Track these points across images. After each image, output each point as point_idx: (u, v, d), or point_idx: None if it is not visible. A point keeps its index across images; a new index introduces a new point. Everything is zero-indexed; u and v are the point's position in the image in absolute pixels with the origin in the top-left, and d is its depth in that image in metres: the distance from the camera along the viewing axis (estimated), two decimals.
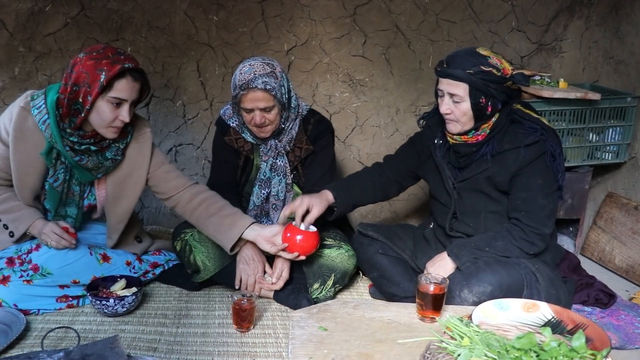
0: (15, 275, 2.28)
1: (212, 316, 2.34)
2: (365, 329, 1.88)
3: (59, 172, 2.33)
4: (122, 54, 2.20)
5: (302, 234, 2.28)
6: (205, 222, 2.40)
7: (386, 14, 3.24)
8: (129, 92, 2.18)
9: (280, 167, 2.56)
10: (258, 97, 2.34)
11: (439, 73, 2.19)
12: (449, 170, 2.35)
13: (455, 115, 2.17)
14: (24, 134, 2.25)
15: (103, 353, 1.53)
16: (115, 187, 2.44)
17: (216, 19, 3.21)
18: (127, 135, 2.36)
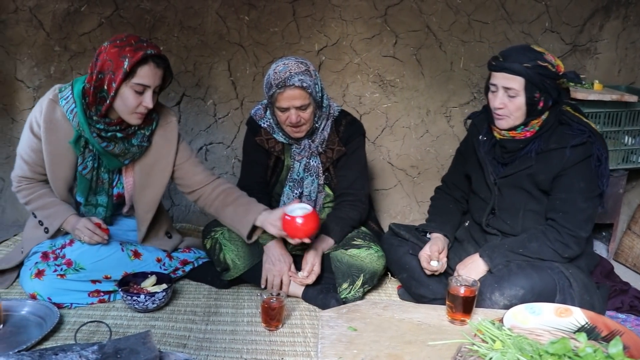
0: (50, 269, 2.33)
1: (241, 314, 2.34)
2: (394, 330, 1.87)
3: (87, 160, 2.37)
4: (145, 41, 2.23)
5: (302, 217, 2.23)
6: (223, 212, 2.45)
7: (417, 14, 3.22)
8: (152, 79, 2.21)
9: (313, 167, 2.56)
10: (295, 95, 2.35)
11: (494, 67, 2.17)
12: (492, 165, 2.34)
13: (509, 109, 2.15)
14: (54, 125, 2.31)
15: (135, 348, 1.55)
16: (143, 174, 2.47)
17: (247, 19, 3.23)
18: (152, 122, 2.39)
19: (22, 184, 2.46)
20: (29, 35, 3.25)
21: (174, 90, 3.33)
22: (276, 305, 2.18)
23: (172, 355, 1.67)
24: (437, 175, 3.37)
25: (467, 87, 3.30)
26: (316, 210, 2.32)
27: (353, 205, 2.58)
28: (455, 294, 1.93)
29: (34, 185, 2.46)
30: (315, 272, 2.40)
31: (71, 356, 1.52)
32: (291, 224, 2.21)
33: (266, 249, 2.45)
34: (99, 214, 2.51)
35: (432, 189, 2.99)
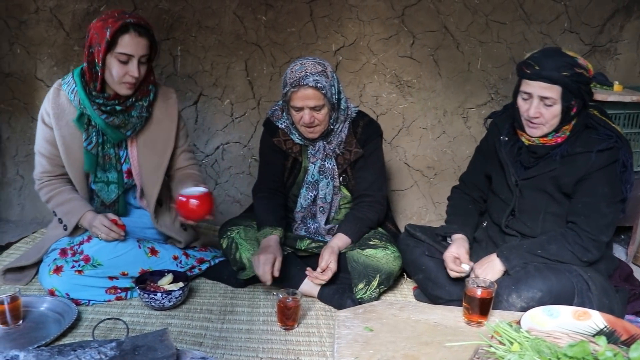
0: (68, 265, 2.36)
1: (257, 313, 2.35)
2: (411, 331, 1.87)
3: (92, 135, 2.42)
4: (128, 13, 2.29)
5: (196, 198, 2.23)
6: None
7: (435, 14, 3.21)
8: (134, 47, 2.25)
9: (328, 169, 2.55)
10: (308, 95, 2.34)
11: (530, 76, 2.09)
12: (514, 167, 2.31)
13: (545, 118, 2.11)
14: (61, 109, 2.42)
15: (153, 345, 1.56)
16: (146, 146, 2.52)
17: (265, 19, 3.24)
18: (149, 93, 2.44)
19: (43, 181, 2.51)
20: (49, 35, 3.29)
21: (191, 89, 3.35)
22: (292, 305, 2.18)
23: (189, 353, 1.68)
24: (453, 176, 3.36)
25: (484, 88, 3.28)
26: (211, 192, 2.31)
27: (371, 206, 2.57)
28: (472, 295, 1.92)
29: (54, 182, 2.50)
30: (332, 269, 2.38)
31: (90, 352, 1.53)
32: (185, 205, 2.23)
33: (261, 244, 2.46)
34: (111, 191, 2.54)
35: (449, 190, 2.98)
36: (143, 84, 2.40)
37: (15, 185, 3.60)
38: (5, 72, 3.45)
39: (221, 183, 3.47)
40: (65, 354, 1.64)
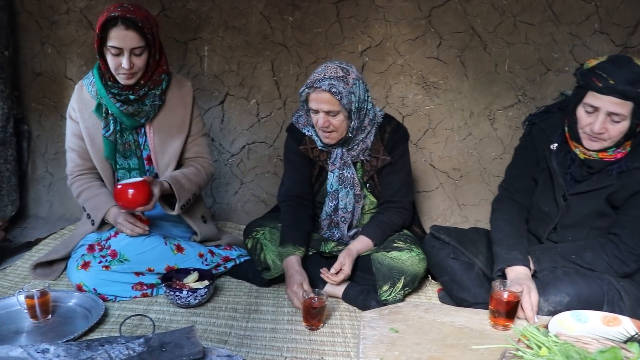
0: (95, 260, 2.40)
1: (281, 313, 2.36)
2: (436, 333, 1.85)
3: (110, 124, 2.50)
4: (122, 7, 2.31)
5: (133, 187, 2.28)
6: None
7: (462, 15, 3.19)
8: (122, 40, 2.30)
9: (347, 178, 2.51)
10: (322, 99, 2.30)
11: (602, 89, 1.93)
12: (564, 179, 2.20)
13: (610, 134, 1.98)
14: (84, 103, 2.53)
15: (180, 342, 1.57)
16: (161, 131, 2.57)
17: (291, 20, 3.25)
18: (162, 82, 2.50)
19: (74, 175, 2.58)
20: (79, 35, 3.34)
21: (217, 89, 3.37)
22: (317, 305, 2.18)
23: (215, 351, 1.69)
24: (479, 178, 3.34)
25: (511, 90, 3.25)
26: (149, 182, 2.34)
27: (397, 211, 2.55)
28: (498, 298, 1.90)
29: (84, 177, 2.57)
30: (344, 272, 2.36)
31: (118, 348, 1.55)
32: (122, 193, 2.29)
33: (284, 265, 2.45)
34: (133, 177, 2.57)
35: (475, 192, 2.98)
36: (155, 73, 2.46)
37: (45, 183, 3.66)
38: (36, 71, 3.52)
39: (246, 182, 3.49)
40: (94, 348, 1.66)
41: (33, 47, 3.50)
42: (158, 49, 2.44)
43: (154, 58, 2.43)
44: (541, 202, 2.30)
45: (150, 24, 2.36)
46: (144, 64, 2.38)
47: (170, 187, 2.45)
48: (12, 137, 3.38)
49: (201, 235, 2.68)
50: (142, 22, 2.30)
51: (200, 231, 2.68)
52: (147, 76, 2.44)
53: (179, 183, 2.48)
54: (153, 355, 1.52)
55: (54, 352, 1.62)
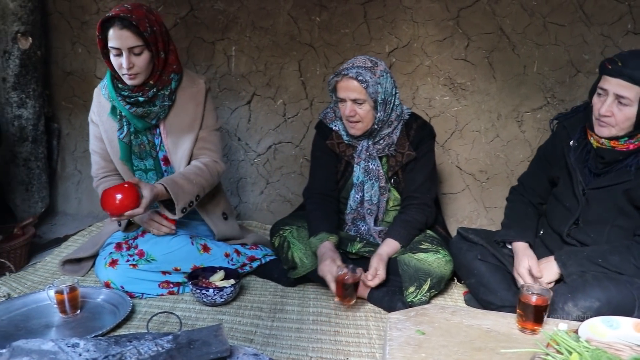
0: (123, 259, 2.43)
1: (307, 312, 2.36)
2: (463, 335, 1.84)
3: (124, 126, 2.51)
4: (121, 7, 2.31)
5: (121, 192, 2.19)
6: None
7: (490, 16, 3.16)
8: (118, 40, 2.30)
9: (372, 170, 2.53)
10: (349, 86, 2.35)
11: (610, 71, 2.02)
12: (582, 174, 2.22)
13: (616, 119, 2.03)
14: (101, 106, 2.55)
15: (208, 340, 1.58)
16: (174, 131, 2.55)
17: (319, 20, 3.25)
18: (170, 82, 2.48)
19: (99, 177, 2.61)
20: None
21: (244, 89, 3.39)
22: (351, 280, 2.20)
23: (241, 349, 1.69)
24: (506, 181, 3.30)
25: (540, 92, 3.21)
26: (136, 185, 2.24)
27: (419, 208, 2.55)
28: (526, 302, 1.88)
29: (109, 179, 2.59)
30: (380, 276, 2.36)
31: (147, 344, 1.57)
32: (108, 198, 2.19)
33: (317, 251, 2.45)
34: (150, 179, 2.61)
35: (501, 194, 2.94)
36: (163, 73, 2.44)
37: (73, 180, 3.71)
38: (66, 70, 3.58)
39: (272, 182, 3.50)
40: (122, 344, 1.67)
41: (64, 46, 3.56)
42: (164, 47, 2.40)
43: (158, 57, 2.40)
44: (562, 198, 2.32)
45: (151, 23, 2.32)
46: (145, 64, 2.35)
47: (166, 190, 2.35)
48: (42, 135, 3.44)
49: (218, 233, 2.68)
50: (138, 21, 2.28)
51: (218, 230, 2.68)
52: (156, 76, 2.42)
53: (177, 185, 2.37)
54: (181, 352, 1.53)
55: (83, 347, 1.64)
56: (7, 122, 3.27)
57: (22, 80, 3.25)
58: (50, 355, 1.58)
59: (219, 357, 1.56)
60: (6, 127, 3.27)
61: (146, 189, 2.27)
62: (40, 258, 2.90)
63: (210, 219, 2.67)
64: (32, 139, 3.35)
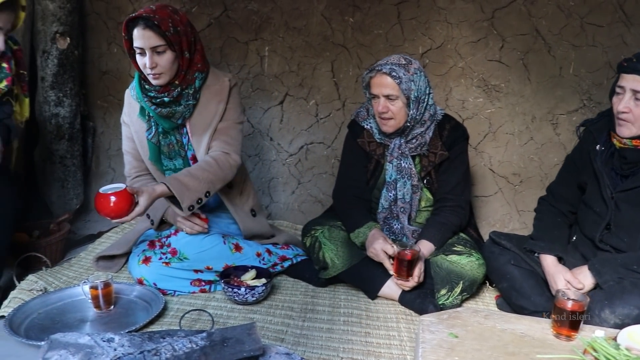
0: (156, 257, 2.45)
1: (338, 313, 2.36)
2: (496, 340, 1.82)
3: (152, 126, 2.53)
4: (145, 8, 2.34)
5: (115, 195, 2.11)
6: None
7: (526, 17, 3.12)
8: (141, 40, 2.31)
9: (405, 169, 2.53)
10: (382, 82, 2.37)
11: (626, 68, 2.04)
12: (609, 178, 2.20)
13: (634, 115, 2.04)
14: (131, 107, 2.59)
15: (241, 338, 1.59)
16: (196, 127, 2.54)
17: (352, 21, 3.25)
18: (194, 81, 2.48)
19: (132, 177, 2.65)
20: None
21: (277, 89, 3.40)
22: (409, 257, 2.23)
23: (274, 348, 1.70)
24: (540, 184, 3.25)
25: (576, 94, 3.16)
26: (128, 189, 2.15)
27: (453, 210, 2.53)
28: (562, 307, 1.85)
29: (141, 179, 2.63)
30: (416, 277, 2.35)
31: (182, 341, 1.58)
32: (103, 201, 2.11)
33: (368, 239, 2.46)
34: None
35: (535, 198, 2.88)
36: (188, 72, 2.44)
37: (107, 178, 3.77)
38: (102, 70, 3.63)
39: (304, 182, 3.51)
40: (155, 340, 1.69)
41: (100, 46, 3.62)
42: (188, 47, 2.41)
43: (182, 57, 2.40)
44: (591, 203, 2.28)
45: (174, 23, 2.33)
46: (168, 63, 2.36)
47: (169, 189, 2.30)
48: (78, 133, 3.50)
49: (245, 230, 2.67)
50: (161, 21, 2.29)
51: (245, 226, 2.68)
52: (181, 76, 2.43)
53: (181, 183, 2.31)
54: (215, 350, 1.54)
55: (118, 342, 1.66)
56: (45, 120, 3.33)
57: (60, 79, 3.31)
58: (86, 349, 1.61)
59: (251, 355, 1.57)
60: (44, 125, 3.33)
61: (144, 194, 2.21)
62: (75, 254, 2.95)
63: (237, 214, 2.68)
64: (68, 137, 3.41)
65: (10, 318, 2.10)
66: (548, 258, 2.28)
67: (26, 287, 2.40)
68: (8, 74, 2.20)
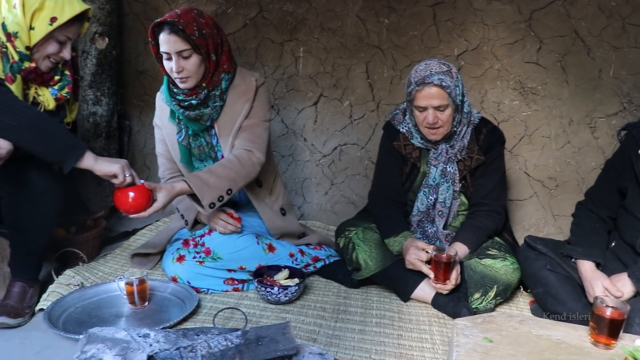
0: (190, 255, 2.48)
1: (370, 315, 2.35)
2: (532, 345, 1.79)
3: (182, 129, 2.56)
4: (171, 12, 2.36)
5: (134, 191, 2.13)
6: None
7: (565, 18, 3.07)
8: (166, 45, 2.33)
9: (450, 173, 2.50)
10: (433, 94, 2.32)
11: None
12: None
13: None
14: (162, 110, 2.63)
15: (276, 337, 1.59)
16: (223, 128, 2.56)
17: (387, 22, 3.24)
18: (221, 82, 2.48)
19: (165, 178, 2.70)
20: None
21: (311, 90, 3.41)
22: (446, 259, 2.23)
23: (307, 348, 1.70)
24: (576, 188, 3.20)
25: (616, 97, 3.09)
26: (146, 185, 2.17)
27: (489, 215, 2.50)
28: (600, 315, 1.81)
29: (175, 179, 2.63)
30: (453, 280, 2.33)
31: (217, 339, 1.59)
32: (121, 197, 2.14)
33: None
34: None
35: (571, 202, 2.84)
36: (215, 74, 2.45)
37: (142, 176, 3.80)
38: (139, 69, 3.69)
39: (337, 183, 3.50)
40: (190, 337, 1.70)
41: (137, 46, 3.67)
42: (215, 50, 2.41)
43: (209, 60, 2.41)
44: (632, 208, 2.23)
45: (199, 26, 2.34)
46: (194, 67, 2.37)
47: (189, 187, 2.32)
48: (115, 132, 3.55)
49: (273, 229, 2.68)
50: (185, 25, 2.30)
51: (273, 225, 2.68)
52: (208, 78, 2.44)
53: (201, 180, 2.33)
54: (250, 348, 1.55)
55: (154, 338, 1.68)
56: (83, 119, 3.39)
57: (98, 78, 3.37)
58: (122, 343, 1.63)
59: (285, 354, 1.57)
60: (82, 123, 3.39)
61: (163, 191, 2.23)
62: (111, 250, 3.00)
63: (265, 213, 2.68)
64: (105, 135, 3.46)
65: (49, 311, 2.15)
66: (586, 264, 2.23)
67: (64, 281, 2.45)
68: (70, 82, 2.30)
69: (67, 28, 2.15)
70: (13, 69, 2.11)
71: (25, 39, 2.09)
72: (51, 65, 2.21)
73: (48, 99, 2.23)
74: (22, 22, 2.06)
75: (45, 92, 2.23)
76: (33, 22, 2.08)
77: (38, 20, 2.08)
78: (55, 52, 2.17)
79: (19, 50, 2.11)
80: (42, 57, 2.16)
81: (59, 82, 2.27)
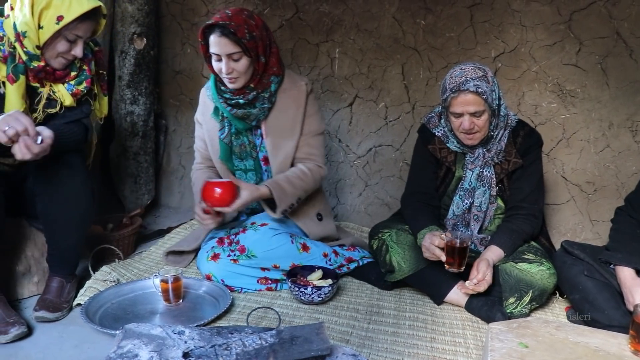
0: (224, 253, 2.50)
1: (403, 317, 2.34)
2: (568, 352, 1.76)
3: (225, 126, 2.59)
4: (221, 13, 2.38)
5: (220, 187, 2.35)
6: None
7: (606, 19, 3.00)
8: (217, 47, 2.36)
9: (486, 177, 2.47)
10: (469, 101, 2.29)
11: None
12: None
13: None
14: (205, 107, 2.68)
15: (310, 337, 1.60)
16: (274, 132, 2.59)
17: (424, 23, 3.22)
18: (270, 85, 2.51)
19: (195, 168, 2.77)
20: None
21: (347, 91, 3.41)
22: (460, 246, 2.22)
23: (340, 349, 1.70)
24: (615, 193, 3.13)
25: None
26: (233, 182, 2.40)
27: (526, 219, 2.46)
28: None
29: (203, 170, 2.74)
30: (487, 281, 2.28)
31: (252, 337, 1.60)
32: (209, 191, 2.35)
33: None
34: (249, 179, 2.68)
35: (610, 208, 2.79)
36: (263, 76, 2.48)
37: (177, 175, 3.87)
38: (175, 69, 3.74)
39: (371, 185, 3.50)
40: (224, 335, 1.72)
41: (174, 47, 3.72)
42: (264, 52, 2.44)
43: (258, 62, 2.44)
44: None
45: (250, 28, 2.36)
46: (244, 69, 2.41)
47: (270, 192, 2.47)
48: (151, 131, 3.61)
49: (311, 234, 2.69)
50: (237, 28, 2.32)
51: (310, 231, 2.70)
52: (256, 79, 2.47)
53: (281, 188, 2.48)
54: (284, 347, 1.56)
55: (188, 335, 1.70)
56: (121, 118, 3.45)
57: (136, 78, 3.43)
58: (158, 340, 1.65)
59: (319, 355, 1.57)
60: (119, 122, 3.45)
61: (247, 190, 2.40)
62: (146, 247, 3.04)
63: (301, 220, 2.69)
64: (142, 134, 3.52)
65: (86, 306, 2.20)
66: (625, 270, 2.18)
67: (100, 277, 2.50)
68: (88, 76, 2.29)
69: (76, 26, 2.12)
70: (17, 69, 2.11)
71: (34, 38, 2.08)
72: (65, 62, 2.20)
73: (64, 94, 2.24)
74: (31, 21, 2.05)
75: (60, 89, 2.24)
76: (41, 21, 2.07)
77: (46, 19, 2.06)
78: (66, 51, 2.15)
79: (27, 50, 2.10)
80: (53, 55, 2.15)
81: (75, 78, 2.27)
